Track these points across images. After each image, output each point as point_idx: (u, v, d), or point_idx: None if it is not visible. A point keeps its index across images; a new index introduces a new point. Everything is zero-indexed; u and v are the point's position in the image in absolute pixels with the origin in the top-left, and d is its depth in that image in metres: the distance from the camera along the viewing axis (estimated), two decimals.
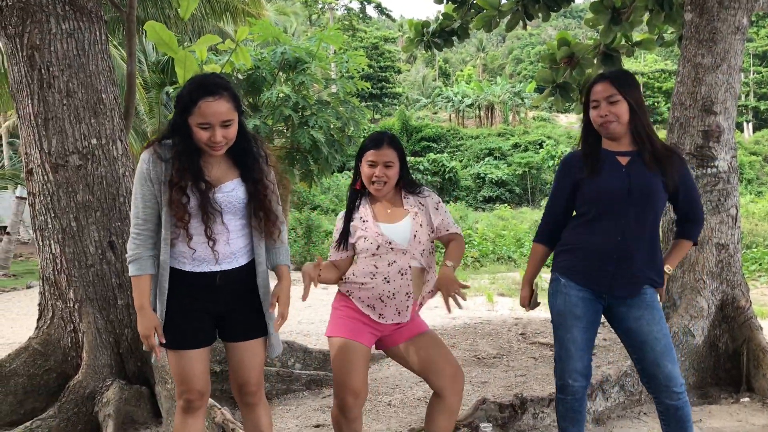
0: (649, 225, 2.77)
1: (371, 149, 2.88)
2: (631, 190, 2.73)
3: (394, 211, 2.93)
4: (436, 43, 7.30)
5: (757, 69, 50.64)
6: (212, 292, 2.52)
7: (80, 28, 3.86)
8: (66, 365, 3.94)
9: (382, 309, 2.85)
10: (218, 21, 15.69)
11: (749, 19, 4.57)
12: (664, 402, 2.79)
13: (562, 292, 2.87)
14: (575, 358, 2.83)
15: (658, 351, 2.75)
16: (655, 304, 2.82)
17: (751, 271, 13.30)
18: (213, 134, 2.38)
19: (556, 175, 3.00)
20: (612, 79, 2.76)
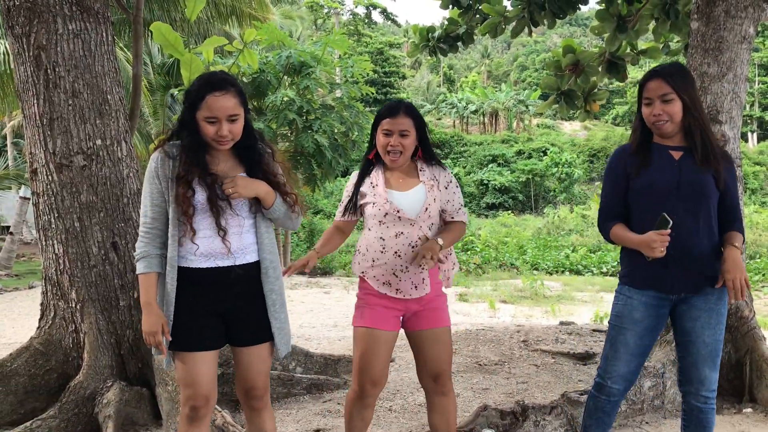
0: (702, 221, 2.70)
1: (386, 117, 2.82)
2: (680, 184, 2.70)
3: (407, 181, 2.87)
4: (441, 48, 7.31)
5: (762, 79, 50.60)
6: (221, 289, 2.51)
7: (87, 29, 3.87)
8: (67, 366, 3.94)
9: (398, 284, 2.81)
10: (224, 24, 15.74)
11: (756, 29, 4.56)
12: (690, 402, 2.82)
13: (625, 294, 2.84)
14: (622, 362, 2.82)
15: (702, 354, 2.76)
16: (718, 308, 2.77)
17: (754, 282, 13.28)
18: (220, 128, 2.42)
19: (607, 170, 2.93)
20: (666, 76, 2.69)
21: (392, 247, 2.78)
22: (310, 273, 14.83)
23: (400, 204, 2.79)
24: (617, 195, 2.85)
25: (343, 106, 13.04)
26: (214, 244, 2.48)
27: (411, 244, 2.78)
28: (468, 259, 17.26)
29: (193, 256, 2.49)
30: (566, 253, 18.65)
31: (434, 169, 2.92)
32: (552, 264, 17.40)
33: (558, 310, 9.31)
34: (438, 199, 2.85)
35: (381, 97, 48.32)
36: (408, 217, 2.78)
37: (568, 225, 25.95)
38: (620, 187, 2.84)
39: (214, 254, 2.49)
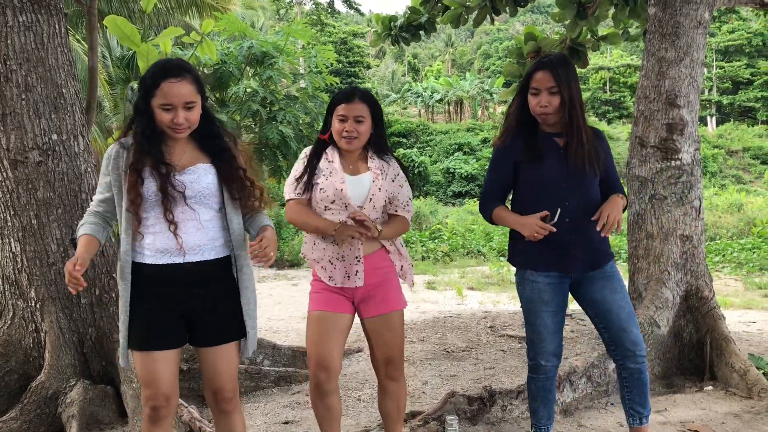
0: (590, 202, 2.88)
1: (342, 102, 2.80)
2: (569, 170, 2.85)
3: (355, 166, 2.86)
4: (404, 37, 7.30)
5: (719, 64, 51.57)
6: (178, 288, 2.42)
7: (38, 21, 3.77)
8: (28, 366, 3.85)
9: (332, 271, 2.81)
10: (184, 15, 15.50)
11: (711, 14, 4.64)
12: (629, 367, 2.96)
13: (528, 280, 2.97)
14: (547, 341, 2.95)
15: (623, 317, 2.91)
16: (615, 273, 2.97)
17: (714, 263, 13.56)
18: (175, 115, 2.34)
19: (493, 157, 3.05)
20: (554, 70, 2.80)
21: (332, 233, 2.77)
22: (278, 266, 14.76)
23: (350, 186, 2.78)
24: (501, 180, 3.01)
25: (307, 96, 12.96)
26: (165, 239, 2.39)
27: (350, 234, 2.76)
28: (435, 247, 17.32)
29: (147, 252, 2.41)
30: None
31: (384, 159, 2.91)
32: None
33: None
34: (383, 189, 2.83)
35: (345, 86, 48.12)
36: (354, 204, 2.76)
37: None
38: (506, 174, 2.98)
39: (166, 250, 2.40)
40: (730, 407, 3.92)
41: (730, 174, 39.41)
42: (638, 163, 4.65)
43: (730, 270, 12.70)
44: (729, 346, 4.33)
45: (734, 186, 32.62)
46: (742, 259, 13.66)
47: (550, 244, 2.85)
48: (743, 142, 43.05)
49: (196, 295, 2.45)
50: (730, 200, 22.01)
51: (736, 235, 18.12)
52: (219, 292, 2.49)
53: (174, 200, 2.37)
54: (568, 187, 2.85)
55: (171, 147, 2.45)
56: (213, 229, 2.47)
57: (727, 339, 4.36)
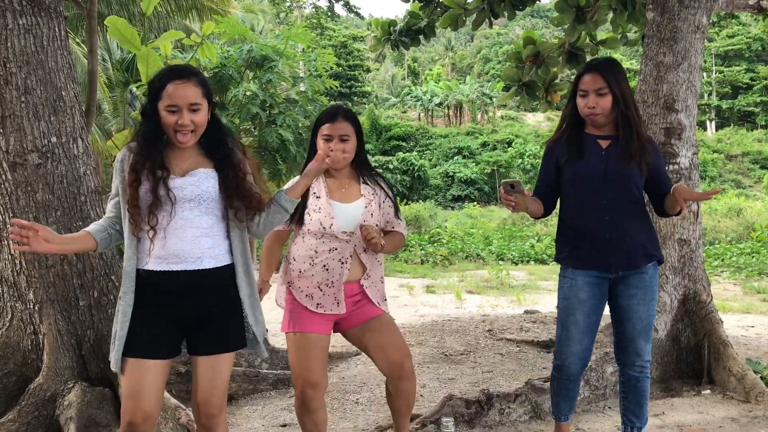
0: (631, 204, 2.91)
1: (326, 123, 2.80)
2: (607, 171, 2.88)
3: (349, 190, 2.86)
4: (403, 41, 7.31)
5: (719, 68, 51.63)
6: (176, 296, 2.37)
7: (38, 24, 3.77)
8: (26, 368, 3.85)
9: (320, 298, 2.79)
10: (184, 18, 15.53)
11: (709, 19, 4.66)
12: (628, 373, 3.03)
13: (569, 277, 3.01)
14: (575, 341, 2.97)
15: (638, 329, 2.97)
16: (652, 285, 2.99)
17: (713, 267, 13.57)
18: (180, 117, 2.33)
19: (542, 160, 3.13)
20: (602, 71, 2.86)
21: (322, 261, 2.77)
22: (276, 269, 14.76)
23: (341, 216, 2.78)
24: (545, 184, 3.08)
25: (306, 99, 12.96)
26: (172, 244, 2.35)
27: (341, 260, 2.78)
28: (434, 251, 17.33)
29: (147, 258, 2.38)
30: (531, 243, 18.82)
31: (375, 181, 2.92)
32: (517, 254, 17.54)
33: (523, 299, 9.41)
34: (375, 215, 2.84)
35: (345, 90, 48.21)
36: (346, 232, 2.77)
37: None
38: (549, 178, 3.06)
39: (171, 255, 2.36)
40: (727, 411, 3.93)
41: (730, 178, 39.44)
42: None
43: (729, 274, 12.71)
44: (727, 350, 4.33)
45: (733, 190, 32.64)
46: (741, 263, 13.66)
47: (589, 241, 2.91)
48: (743, 146, 43.09)
49: (192, 304, 2.40)
50: (730, 204, 22.03)
51: (735, 240, 18.13)
52: (217, 301, 2.43)
53: (161, 205, 2.34)
54: (609, 185, 2.89)
55: (177, 152, 2.43)
56: (215, 236, 2.42)
57: (724, 343, 4.37)
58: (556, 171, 3.03)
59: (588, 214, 2.92)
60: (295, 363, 2.80)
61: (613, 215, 2.88)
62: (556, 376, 3.07)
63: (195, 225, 2.38)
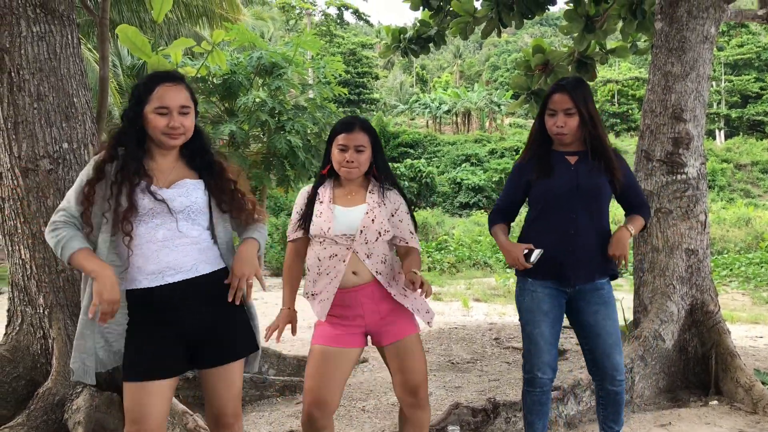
0: (596, 218, 2.98)
1: (342, 132, 2.78)
2: (579, 185, 2.94)
3: (354, 198, 2.82)
4: (413, 49, 7.35)
5: (728, 78, 51.47)
6: (179, 309, 2.30)
7: (52, 32, 3.82)
8: (35, 372, 3.88)
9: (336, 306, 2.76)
10: (194, 25, 15.64)
11: (717, 29, 4.66)
12: (607, 388, 3.07)
13: (528, 290, 3.05)
14: (544, 351, 3.00)
15: (609, 344, 3.00)
16: (611, 300, 3.05)
17: (722, 276, 13.52)
18: (171, 119, 2.30)
19: (510, 177, 3.20)
20: (570, 92, 2.93)
21: (326, 269, 2.73)
22: None
23: (341, 220, 2.74)
24: (511, 200, 3.15)
25: (315, 106, 13.02)
26: (163, 256, 2.29)
27: (342, 259, 2.72)
28: (442, 258, 17.33)
29: (140, 276, 2.29)
30: None
31: (385, 192, 2.86)
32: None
33: None
34: (377, 221, 2.76)
35: (354, 97, 48.33)
36: (344, 235, 2.73)
37: None
38: (517, 195, 3.12)
39: (165, 268, 2.29)
40: (734, 422, 3.91)
41: (739, 188, 39.24)
42: (644, 176, 4.67)
43: (738, 284, 12.66)
44: (734, 360, 4.32)
45: (742, 200, 32.50)
46: (750, 273, 13.61)
47: (551, 254, 2.92)
48: (752, 155, 42.89)
49: (193, 315, 2.33)
50: (738, 214, 21.95)
51: (743, 250, 18.06)
52: (217, 309, 2.38)
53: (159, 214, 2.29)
54: (577, 201, 2.94)
55: (159, 163, 2.38)
56: (204, 244, 2.39)
57: (732, 354, 4.35)
58: (524, 189, 3.08)
59: (554, 229, 2.96)
60: (308, 376, 2.73)
61: (577, 229, 2.93)
62: (529, 390, 3.06)
63: (186, 235, 2.34)
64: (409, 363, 2.78)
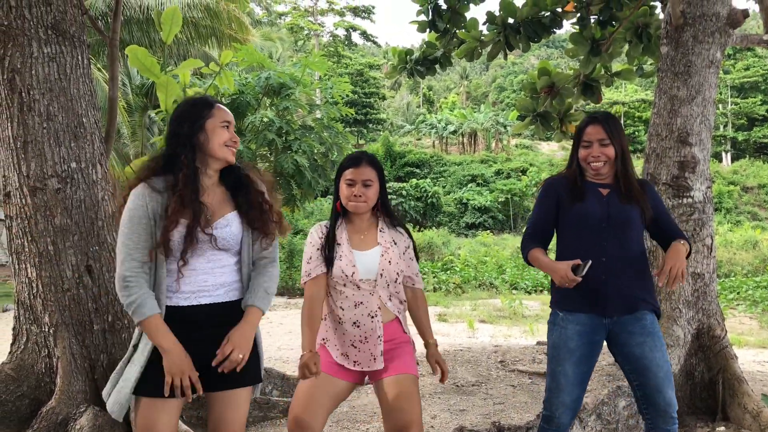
0: (630, 249, 2.90)
1: (350, 167, 2.80)
2: (609, 215, 2.90)
3: (367, 238, 2.83)
4: (419, 70, 7.40)
5: (734, 100, 51.53)
6: (204, 329, 2.36)
7: (62, 53, 3.87)
8: (39, 391, 3.88)
9: (356, 355, 2.73)
10: (203, 45, 15.78)
11: (723, 54, 4.68)
12: (660, 427, 2.88)
13: (559, 325, 2.94)
14: (565, 392, 2.89)
15: (660, 377, 2.84)
16: (656, 331, 2.90)
17: (729, 300, 13.43)
18: (232, 133, 2.47)
19: (540, 196, 3.12)
20: (605, 124, 2.94)
21: (351, 317, 2.72)
22: (289, 294, 14.77)
23: (360, 264, 2.75)
24: (545, 221, 3.05)
25: (322, 126, 13.10)
26: (194, 281, 2.37)
27: (370, 314, 2.72)
28: (447, 278, 17.29)
29: (172, 293, 2.37)
30: (545, 273, 18.73)
31: (394, 231, 2.89)
32: (531, 283, 17.48)
33: (536, 330, 9.35)
34: (393, 262, 2.78)
35: (361, 117, 48.57)
36: (367, 280, 2.73)
37: None
38: (550, 215, 3.04)
39: (195, 291, 2.38)
40: None
41: (746, 210, 39.13)
42: None
43: (745, 308, 12.57)
44: (742, 386, 4.28)
45: (749, 222, 32.39)
46: (757, 297, 13.52)
47: (584, 284, 2.81)
48: (759, 178, 42.81)
49: (214, 338, 2.36)
50: (745, 237, 21.85)
51: (751, 273, 17.96)
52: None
53: (202, 243, 2.36)
54: (608, 230, 2.89)
55: (209, 194, 2.44)
56: (232, 272, 2.46)
57: (739, 379, 4.32)
58: (556, 207, 3.02)
59: (585, 257, 2.83)
60: (295, 398, 2.69)
61: (609, 258, 2.86)
62: (545, 427, 2.98)
63: (221, 263, 2.44)
64: (400, 401, 2.66)
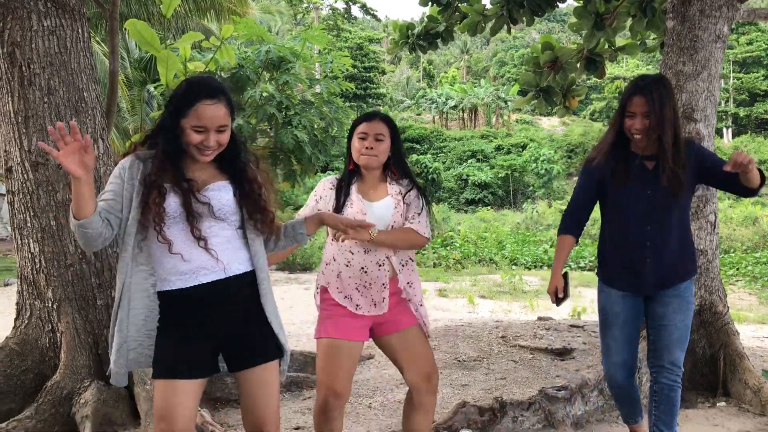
0: (675, 224, 2.95)
1: (363, 122, 2.86)
2: (654, 196, 2.92)
3: (376, 192, 2.88)
4: (421, 45, 7.32)
5: (737, 76, 51.27)
6: (214, 308, 2.29)
7: (62, 26, 3.82)
8: (43, 365, 3.90)
9: (358, 300, 2.80)
10: (202, 18, 15.63)
11: (729, 28, 4.62)
12: (661, 381, 3.06)
13: (604, 291, 3.12)
14: (615, 353, 3.08)
15: (674, 338, 3.01)
16: (687, 295, 3.03)
17: (728, 276, 13.47)
18: (207, 138, 2.26)
19: (580, 177, 3.15)
20: (649, 96, 2.83)
21: (360, 262, 2.78)
22: (290, 269, 14.80)
23: (369, 213, 2.79)
24: (583, 204, 3.11)
25: (322, 101, 13.00)
26: (196, 256, 2.27)
27: (379, 263, 2.79)
28: (447, 254, 17.33)
29: (173, 276, 2.27)
30: (544, 248, 18.78)
31: (403, 183, 2.92)
32: (530, 259, 17.52)
33: (536, 305, 9.39)
34: (403, 215, 2.86)
35: (361, 92, 48.28)
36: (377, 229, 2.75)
37: (547, 220, 26.15)
38: (587, 198, 3.09)
39: (199, 268, 2.27)
40: (743, 424, 3.90)
41: None
42: None
43: (745, 284, 12.63)
44: (743, 362, 4.30)
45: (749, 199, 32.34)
46: (757, 273, 13.57)
47: (625, 266, 3.00)
48: (759, 154, 42.70)
49: (224, 316, 2.32)
50: (745, 213, 21.88)
51: (750, 249, 17.99)
52: (246, 310, 2.37)
53: (200, 215, 2.27)
54: (654, 209, 2.92)
55: (189, 165, 2.35)
56: (235, 246, 2.37)
57: (741, 355, 4.34)
58: (597, 192, 3.06)
59: (628, 238, 2.97)
60: (321, 369, 2.81)
61: (654, 239, 2.93)
62: (609, 385, 3.20)
63: (218, 235, 2.32)
64: (419, 349, 2.89)
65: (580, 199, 3.13)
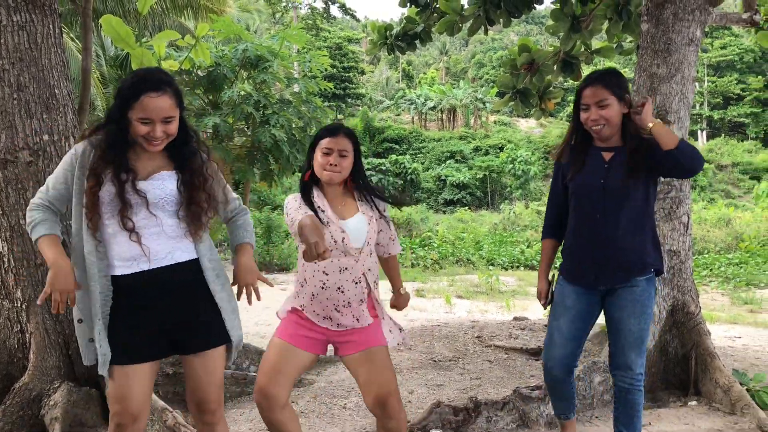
0: (630, 218, 2.92)
1: (327, 137, 2.79)
2: (605, 185, 2.90)
3: (347, 207, 2.82)
4: (399, 46, 7.33)
5: (711, 79, 51.96)
6: (154, 296, 2.36)
7: (32, 21, 3.75)
8: (12, 367, 3.82)
9: (339, 319, 2.75)
10: (179, 16, 15.52)
11: (703, 32, 4.68)
12: (618, 384, 3.07)
13: (560, 285, 3.14)
14: (558, 346, 3.07)
15: (629, 341, 2.99)
16: (644, 298, 2.99)
17: (702, 276, 13.64)
18: (153, 129, 2.30)
19: (553, 172, 3.20)
20: (602, 82, 2.86)
21: (335, 282, 2.72)
22: (266, 269, 14.73)
23: (348, 232, 2.74)
24: (555, 203, 3.17)
25: (300, 100, 12.96)
26: (129, 248, 2.34)
27: (355, 280, 2.73)
28: (425, 254, 17.35)
29: (116, 262, 2.35)
30: (521, 249, 18.89)
31: (371, 202, 2.88)
32: (507, 259, 17.60)
33: (512, 305, 9.43)
34: (377, 231, 2.85)
35: (340, 92, 48.19)
36: (354, 247, 2.72)
37: (524, 221, 26.30)
38: (558, 197, 3.14)
39: (132, 258, 2.34)
40: (713, 423, 3.94)
41: (720, 188, 39.68)
42: None
43: (717, 284, 12.78)
44: (714, 361, 4.35)
45: (723, 200, 32.84)
46: (730, 273, 13.75)
47: (579, 258, 3.02)
48: (733, 156, 43.38)
49: (167, 303, 2.38)
50: (719, 215, 22.16)
51: (723, 250, 18.24)
52: (195, 295, 2.43)
53: (133, 207, 2.32)
54: (607, 199, 2.91)
55: (139, 154, 2.40)
56: (178, 235, 2.42)
57: (712, 354, 4.39)
58: (564, 188, 3.09)
59: (582, 230, 2.98)
60: (261, 366, 2.77)
61: (608, 231, 2.91)
62: (546, 376, 3.20)
63: (158, 224, 2.37)
64: (376, 372, 2.74)
65: (553, 199, 3.18)
